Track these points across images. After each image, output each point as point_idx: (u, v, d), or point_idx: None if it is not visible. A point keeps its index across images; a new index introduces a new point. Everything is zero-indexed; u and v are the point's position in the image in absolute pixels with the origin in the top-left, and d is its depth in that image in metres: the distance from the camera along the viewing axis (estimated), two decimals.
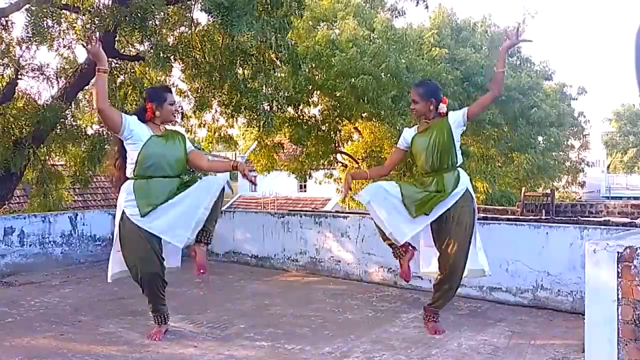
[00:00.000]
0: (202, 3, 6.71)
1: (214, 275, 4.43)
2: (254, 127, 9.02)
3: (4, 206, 8.30)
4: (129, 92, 8.34)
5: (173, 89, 9.27)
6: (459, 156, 4.11)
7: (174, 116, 4.09)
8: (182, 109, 9.31)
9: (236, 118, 8.88)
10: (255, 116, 8.51)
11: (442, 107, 4.11)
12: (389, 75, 12.47)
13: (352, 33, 13.05)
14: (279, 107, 8.87)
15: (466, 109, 4.11)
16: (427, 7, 8.80)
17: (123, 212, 3.87)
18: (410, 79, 12.64)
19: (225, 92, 8.26)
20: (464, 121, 4.09)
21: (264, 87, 8.28)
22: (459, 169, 4.12)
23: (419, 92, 4.15)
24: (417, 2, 8.38)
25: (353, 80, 12.69)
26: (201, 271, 3.90)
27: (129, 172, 3.92)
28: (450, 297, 4.12)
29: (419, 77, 13.00)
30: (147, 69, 8.35)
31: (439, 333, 4.04)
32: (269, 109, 8.45)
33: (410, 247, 4.09)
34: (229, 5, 6.33)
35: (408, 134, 4.26)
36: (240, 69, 7.81)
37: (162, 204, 3.83)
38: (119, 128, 3.81)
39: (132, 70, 8.68)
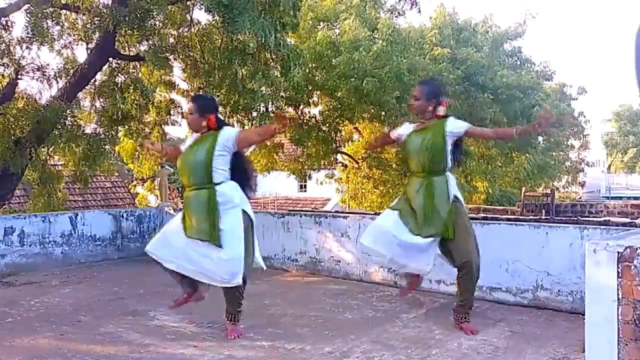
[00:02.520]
0: (203, 2, 6.71)
1: None
2: (249, 127, 9.05)
3: (4, 206, 8.30)
4: (130, 92, 8.34)
5: (174, 89, 9.34)
6: (449, 161, 4.15)
7: (193, 125, 3.99)
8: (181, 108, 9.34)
9: (235, 118, 8.90)
10: (251, 116, 8.53)
11: (440, 110, 4.14)
12: (391, 76, 12.47)
13: (353, 34, 13.05)
14: (276, 108, 8.88)
15: (469, 127, 4.17)
16: (419, 12, 8.90)
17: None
18: (412, 79, 12.66)
19: (224, 92, 8.27)
20: (460, 135, 4.14)
21: (263, 88, 8.28)
22: (448, 173, 4.16)
23: (422, 90, 4.22)
24: (412, 6, 8.42)
25: (353, 80, 12.70)
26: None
27: None
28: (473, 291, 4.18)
29: (421, 76, 13.02)
30: (149, 69, 8.36)
31: (475, 332, 4.04)
32: (265, 110, 8.47)
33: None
34: (229, 3, 6.34)
35: (406, 128, 4.32)
36: (239, 68, 7.80)
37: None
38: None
39: (132, 70, 8.69)
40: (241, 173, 4.02)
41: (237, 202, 3.93)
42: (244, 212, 3.95)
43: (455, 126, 4.11)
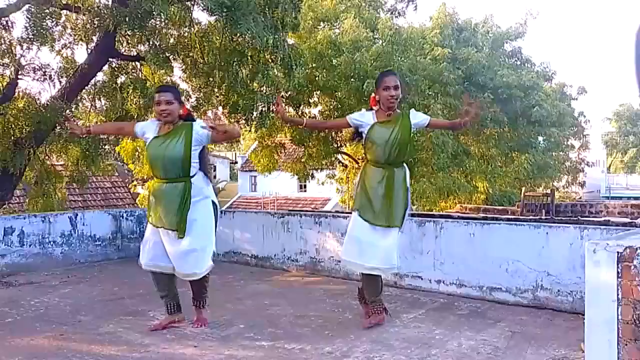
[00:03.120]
0: (204, 3, 6.71)
1: (214, 275, 4.42)
2: (248, 127, 9.08)
3: (4, 206, 8.30)
4: (130, 92, 8.34)
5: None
6: (408, 153, 4.30)
7: (162, 115, 3.98)
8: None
9: (234, 118, 8.91)
10: (251, 117, 8.54)
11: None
12: None
13: (354, 34, 13.05)
14: (273, 109, 8.87)
15: (430, 119, 4.27)
16: (415, 9, 8.91)
17: None
18: (413, 80, 12.66)
19: (223, 93, 8.27)
20: (422, 127, 4.25)
21: (263, 88, 8.28)
22: (405, 165, 4.26)
23: (398, 80, 4.20)
24: (408, 4, 8.43)
25: (354, 81, 12.70)
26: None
27: None
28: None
29: (422, 76, 13.02)
30: (150, 69, 8.36)
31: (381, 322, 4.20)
32: (266, 110, 8.47)
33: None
34: (230, 4, 6.34)
35: (366, 118, 4.23)
36: (239, 69, 7.81)
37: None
38: (137, 137, 4.28)
39: (133, 70, 8.69)
40: (205, 165, 4.12)
41: (208, 193, 4.07)
42: (213, 203, 4.09)
43: (417, 119, 4.20)
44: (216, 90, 8.28)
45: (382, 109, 4.18)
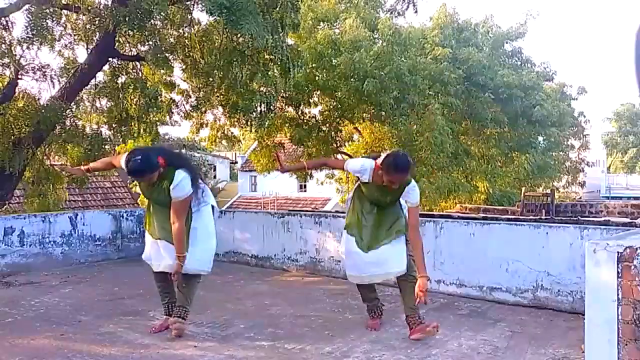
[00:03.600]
0: (203, 3, 6.71)
1: (214, 276, 4.42)
2: (247, 127, 9.08)
3: (4, 206, 8.30)
4: (130, 92, 8.35)
5: (174, 89, 9.32)
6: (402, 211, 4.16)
7: (147, 185, 4.02)
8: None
9: (233, 118, 8.92)
10: (250, 117, 8.54)
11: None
12: (392, 76, 12.47)
13: (354, 34, 13.04)
14: (272, 108, 8.88)
15: (414, 200, 4.01)
16: (416, 12, 8.91)
17: None
18: (413, 80, 12.65)
19: (223, 93, 8.27)
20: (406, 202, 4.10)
21: (262, 88, 8.28)
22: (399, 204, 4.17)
23: (404, 178, 3.96)
24: (408, 5, 8.43)
25: (354, 81, 12.68)
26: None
27: None
28: None
29: (423, 76, 13.01)
30: (151, 69, 8.36)
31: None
32: (266, 110, 8.47)
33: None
34: (229, 5, 6.33)
35: (365, 173, 4.04)
36: (239, 69, 7.81)
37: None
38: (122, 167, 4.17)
39: (133, 70, 8.69)
40: (198, 175, 4.11)
41: (206, 200, 4.12)
42: (213, 207, 4.20)
43: (409, 196, 4.00)
44: (216, 90, 8.29)
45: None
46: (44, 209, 8.31)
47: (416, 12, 8.50)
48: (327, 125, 14.76)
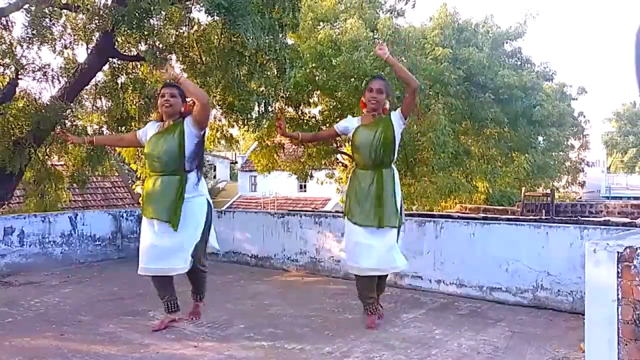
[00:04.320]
0: (202, 3, 6.71)
1: (214, 276, 4.43)
2: (245, 128, 9.07)
3: (4, 206, 8.30)
4: (130, 92, 8.34)
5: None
6: (396, 155, 4.27)
7: (164, 107, 4.06)
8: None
9: (231, 118, 8.92)
10: (249, 117, 8.54)
11: (386, 104, 4.26)
12: (392, 76, 12.46)
13: (355, 34, 13.05)
14: (271, 109, 8.88)
15: (399, 109, 4.24)
16: (414, 7, 8.93)
17: None
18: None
19: (219, 92, 8.27)
20: (403, 120, 4.23)
21: (261, 87, 8.28)
22: (393, 166, 4.26)
23: (385, 85, 4.26)
24: (407, 2, 8.43)
25: (354, 80, 12.69)
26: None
27: None
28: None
29: (423, 76, 13.02)
30: (149, 68, 8.35)
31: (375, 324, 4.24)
32: (264, 110, 8.47)
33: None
34: (228, 5, 6.33)
35: (351, 122, 4.35)
36: (236, 69, 7.81)
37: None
38: (140, 144, 4.29)
39: (133, 70, 8.69)
40: (200, 162, 4.20)
41: (202, 191, 4.14)
42: (207, 200, 4.17)
43: (396, 117, 4.21)
44: (213, 90, 8.29)
45: (367, 112, 4.26)
46: (45, 209, 8.30)
47: (414, 6, 8.50)
48: (327, 125, 14.78)
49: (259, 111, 8.53)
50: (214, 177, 39.75)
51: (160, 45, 7.49)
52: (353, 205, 4.20)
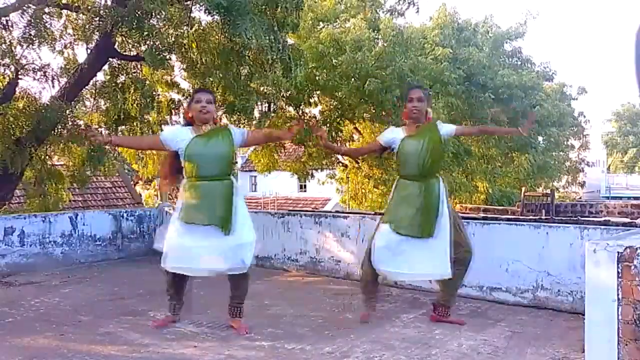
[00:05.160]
0: (202, 3, 6.71)
1: (213, 275, 4.41)
2: (246, 128, 9.08)
3: (4, 206, 8.30)
4: (131, 92, 8.34)
5: (174, 89, 9.33)
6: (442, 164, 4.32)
7: (201, 113, 4.00)
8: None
9: (233, 118, 8.92)
10: (251, 117, 8.54)
11: (430, 113, 4.28)
12: (394, 76, 12.48)
13: (357, 34, 13.05)
14: (275, 108, 8.88)
15: (455, 127, 4.38)
16: (417, 11, 8.91)
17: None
18: (414, 79, 12.66)
19: (220, 93, 8.27)
20: (451, 136, 4.34)
21: (262, 87, 8.28)
22: (440, 176, 4.30)
23: (424, 93, 4.32)
24: (409, 5, 8.41)
25: (354, 80, 12.69)
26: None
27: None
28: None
29: (424, 76, 13.03)
30: (150, 68, 8.36)
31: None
32: (267, 110, 8.47)
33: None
34: (228, 5, 6.33)
35: (396, 133, 4.34)
36: (237, 69, 7.81)
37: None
38: (163, 147, 4.15)
39: (133, 70, 8.69)
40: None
41: (241, 192, 4.21)
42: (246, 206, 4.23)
43: (446, 130, 4.31)
44: (214, 90, 8.29)
45: (411, 122, 4.28)
46: (48, 209, 8.30)
47: (417, 11, 8.45)
48: (328, 125, 14.78)
49: (261, 110, 8.53)
50: None
51: (160, 46, 7.48)
52: (402, 215, 4.15)
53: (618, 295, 2.69)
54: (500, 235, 5.12)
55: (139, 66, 8.64)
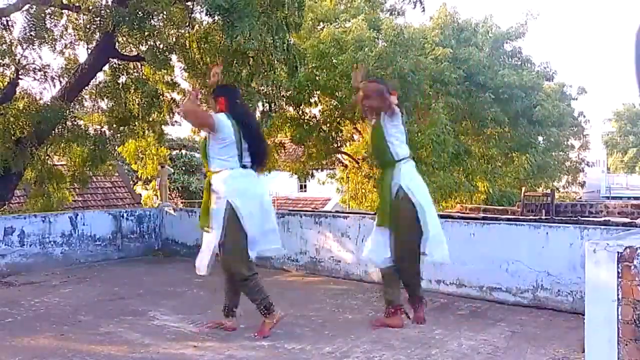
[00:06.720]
0: (202, 5, 6.70)
1: (214, 276, 4.41)
2: None
3: (4, 206, 8.30)
4: (132, 92, 8.34)
5: (175, 89, 9.32)
6: (397, 152, 4.25)
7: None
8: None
9: None
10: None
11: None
12: (394, 76, 12.46)
13: (358, 33, 13.05)
14: (277, 108, 8.87)
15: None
16: (423, 11, 8.86)
17: None
18: (415, 79, 12.66)
19: None
20: (390, 117, 4.25)
21: (263, 87, 8.27)
22: (401, 163, 4.25)
23: (385, 88, 4.31)
24: (415, 5, 8.38)
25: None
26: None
27: None
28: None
29: (423, 76, 13.02)
30: (151, 69, 8.36)
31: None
32: (268, 109, 8.46)
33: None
34: (228, 7, 6.33)
35: None
36: (239, 69, 7.80)
37: None
38: (212, 126, 4.08)
39: (134, 70, 8.69)
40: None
41: (223, 194, 3.98)
42: (228, 202, 3.97)
43: (386, 117, 4.26)
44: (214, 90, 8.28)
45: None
46: (51, 209, 8.30)
47: (423, 10, 8.36)
48: (328, 125, 14.78)
49: (262, 110, 8.53)
50: None
51: (161, 46, 7.49)
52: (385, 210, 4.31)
53: (618, 295, 2.69)
54: (500, 235, 5.12)
55: (139, 66, 8.64)
